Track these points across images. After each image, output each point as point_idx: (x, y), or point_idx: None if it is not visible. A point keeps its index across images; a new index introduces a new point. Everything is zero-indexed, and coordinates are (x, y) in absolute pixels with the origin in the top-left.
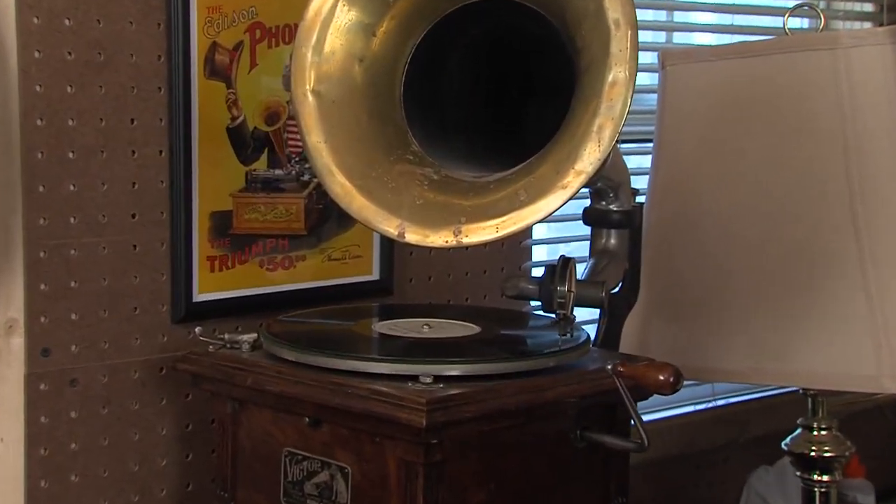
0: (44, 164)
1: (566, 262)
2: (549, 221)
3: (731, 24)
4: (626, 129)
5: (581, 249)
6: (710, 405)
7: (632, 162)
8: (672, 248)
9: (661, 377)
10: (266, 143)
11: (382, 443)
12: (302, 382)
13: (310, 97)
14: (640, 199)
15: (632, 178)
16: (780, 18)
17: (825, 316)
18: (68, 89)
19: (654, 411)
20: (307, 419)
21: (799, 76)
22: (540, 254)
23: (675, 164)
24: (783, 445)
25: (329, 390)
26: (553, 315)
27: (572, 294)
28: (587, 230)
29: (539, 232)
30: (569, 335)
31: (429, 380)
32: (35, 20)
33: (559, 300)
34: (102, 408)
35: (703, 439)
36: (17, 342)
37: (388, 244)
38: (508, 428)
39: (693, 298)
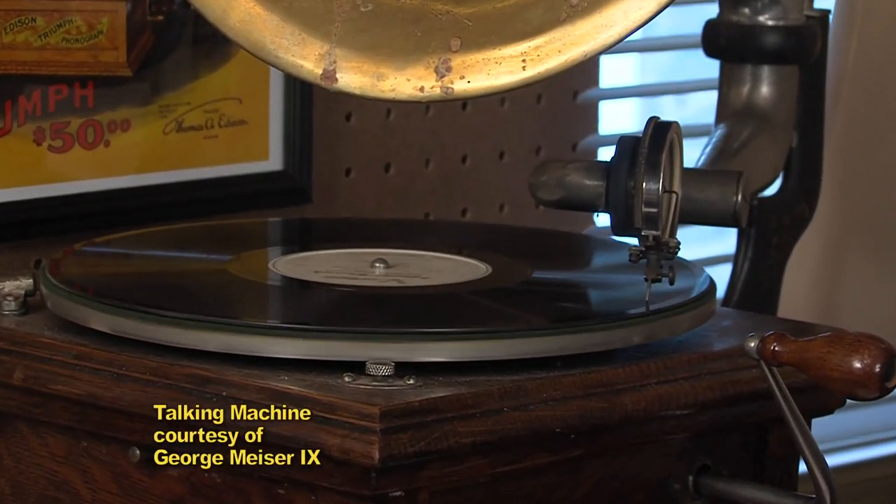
0: None
1: (661, 132)
2: (635, 49)
3: None
4: None
5: (704, 111)
6: None
7: None
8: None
9: (858, 364)
10: None
11: (292, 498)
12: (128, 378)
13: None
14: (823, 3)
15: None
16: None
17: None
18: None
19: (849, 447)
20: (137, 452)
21: None
22: (615, 118)
23: None
24: None
25: (184, 393)
26: (635, 240)
27: (675, 196)
28: (713, 68)
29: (614, 73)
30: (667, 280)
31: (386, 370)
32: None
33: (647, 209)
34: None
35: None
36: None
37: (303, 97)
38: (548, 469)
39: None
